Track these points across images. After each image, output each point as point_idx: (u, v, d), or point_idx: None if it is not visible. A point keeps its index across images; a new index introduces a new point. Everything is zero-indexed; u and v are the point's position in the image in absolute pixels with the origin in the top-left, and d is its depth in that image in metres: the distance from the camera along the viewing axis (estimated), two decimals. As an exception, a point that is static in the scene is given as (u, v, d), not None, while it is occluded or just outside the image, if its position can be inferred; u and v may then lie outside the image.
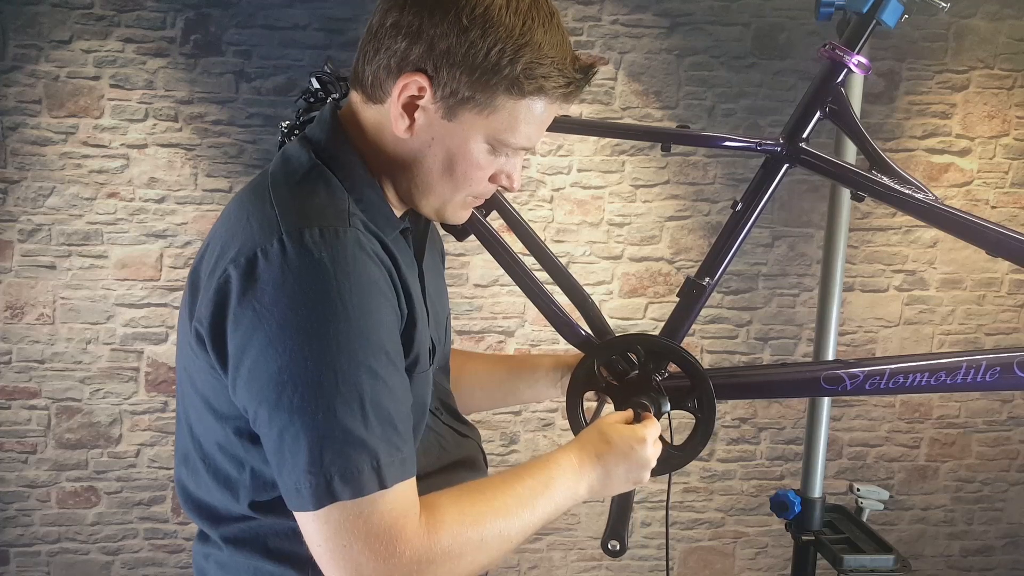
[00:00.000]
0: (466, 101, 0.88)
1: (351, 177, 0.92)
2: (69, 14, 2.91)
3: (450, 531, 0.85)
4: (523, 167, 3.06)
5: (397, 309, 0.88)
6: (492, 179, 0.96)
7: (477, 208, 1.25)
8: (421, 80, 0.88)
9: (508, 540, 0.90)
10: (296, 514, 0.83)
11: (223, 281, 0.84)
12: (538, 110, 0.91)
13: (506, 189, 0.99)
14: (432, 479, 1.01)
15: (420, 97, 0.89)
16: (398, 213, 0.98)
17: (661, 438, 1.22)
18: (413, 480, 0.85)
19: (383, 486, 0.81)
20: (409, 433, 0.87)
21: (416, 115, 0.90)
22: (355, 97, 0.96)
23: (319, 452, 0.80)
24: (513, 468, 0.97)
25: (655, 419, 1.13)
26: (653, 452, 1.08)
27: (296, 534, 0.90)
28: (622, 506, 1.20)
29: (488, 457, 1.27)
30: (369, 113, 0.94)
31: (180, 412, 1.00)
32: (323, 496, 0.80)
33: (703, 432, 1.19)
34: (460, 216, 1.00)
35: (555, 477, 0.97)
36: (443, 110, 0.89)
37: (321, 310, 0.80)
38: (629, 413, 1.13)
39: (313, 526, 0.82)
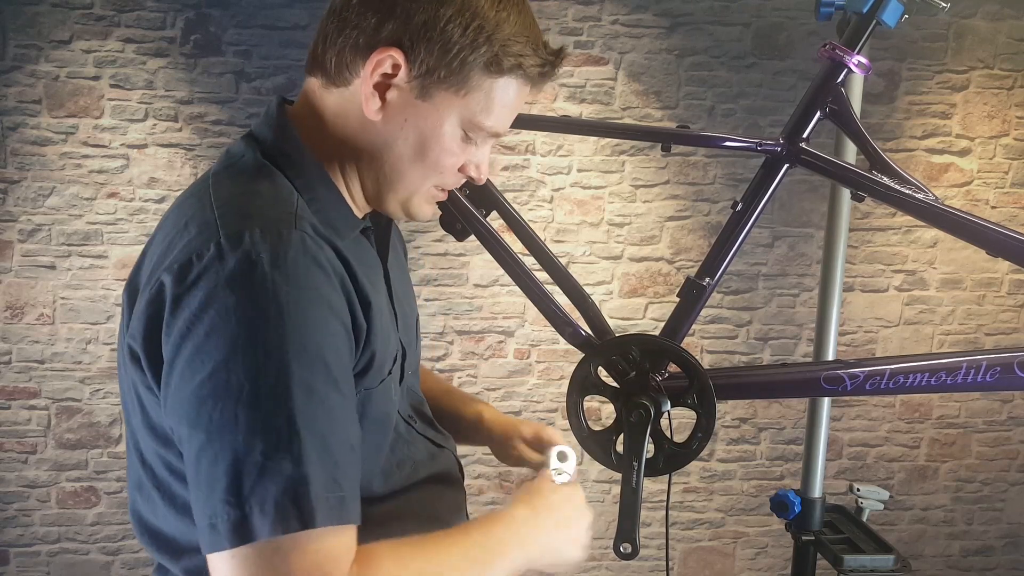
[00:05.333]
0: (442, 80, 0.84)
1: (303, 175, 0.86)
2: (69, 14, 2.91)
3: None
4: (522, 166, 3.08)
5: (349, 325, 0.80)
6: (461, 169, 0.91)
7: (477, 208, 1.25)
8: (396, 55, 0.83)
9: None
10: (208, 557, 0.72)
11: (155, 291, 0.76)
12: (512, 92, 0.88)
13: (473, 180, 0.94)
14: (406, 495, 0.97)
15: (393, 75, 0.84)
16: (359, 214, 0.92)
17: (662, 436, 1.22)
18: (352, 529, 0.74)
19: (308, 525, 0.70)
20: (353, 468, 0.76)
21: (388, 95, 0.85)
22: (313, 84, 0.90)
23: (238, 479, 0.69)
24: (459, 525, 0.90)
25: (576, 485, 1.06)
26: (588, 515, 1.02)
27: None
28: (630, 507, 1.19)
29: (488, 457, 1.27)
30: (331, 99, 0.88)
31: (129, 436, 0.91)
32: (240, 532, 0.69)
33: (703, 432, 1.19)
34: (426, 211, 0.94)
35: (500, 532, 0.90)
36: (417, 89, 0.84)
37: (253, 317, 0.71)
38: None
39: (226, 569, 0.70)
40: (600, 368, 1.24)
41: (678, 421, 1.21)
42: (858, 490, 1.87)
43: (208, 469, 0.71)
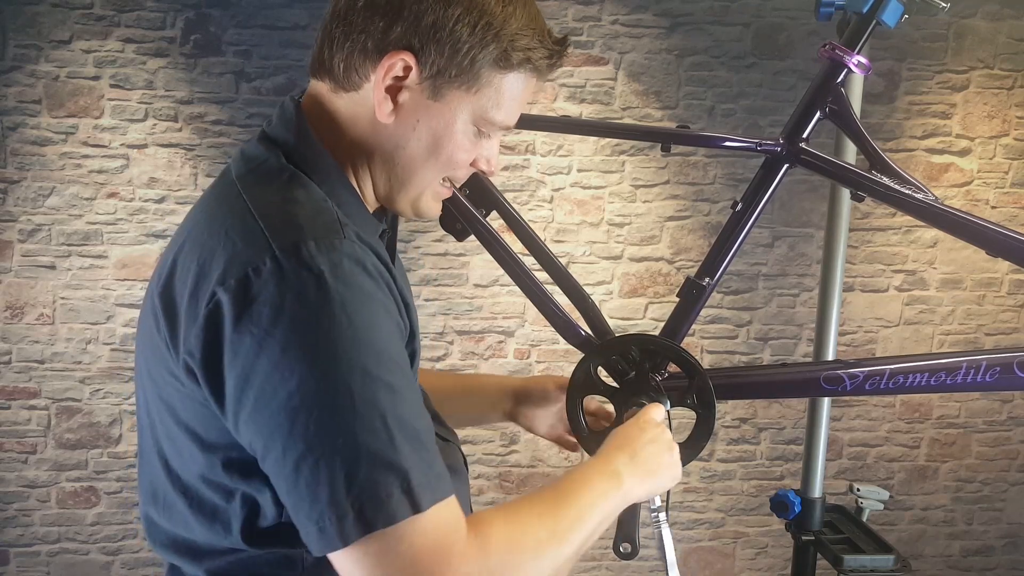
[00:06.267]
0: (453, 79, 0.85)
1: (327, 180, 0.86)
2: (69, 14, 2.91)
3: (502, 540, 0.79)
4: (522, 166, 3.08)
5: (400, 321, 0.83)
6: (472, 164, 0.93)
7: (476, 208, 1.25)
8: (408, 58, 0.84)
9: (563, 542, 0.85)
10: (331, 557, 0.75)
11: (212, 308, 0.76)
12: (521, 84, 0.89)
13: (484, 173, 0.96)
14: None
15: (405, 78, 0.85)
16: (374, 217, 0.93)
17: None
18: (453, 498, 0.78)
19: (417, 509, 0.74)
20: (435, 447, 0.80)
21: (400, 97, 0.86)
22: (320, 88, 0.90)
23: (343, 481, 0.73)
24: (557, 480, 0.92)
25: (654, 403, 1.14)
26: (667, 432, 1.07)
27: (290, 561, 0.86)
28: (630, 507, 1.19)
29: (488, 457, 1.27)
30: (340, 103, 0.88)
31: (147, 446, 0.91)
32: (351, 530, 0.72)
33: (703, 431, 1.19)
34: (434, 209, 0.96)
35: (589, 476, 0.94)
36: (429, 90, 0.86)
37: (326, 327, 0.74)
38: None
39: (350, 564, 0.74)
40: (600, 368, 1.24)
41: (678, 421, 1.21)
42: (858, 490, 1.87)
43: (310, 477, 0.74)
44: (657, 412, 1.10)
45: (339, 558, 0.75)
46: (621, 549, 1.21)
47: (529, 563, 0.80)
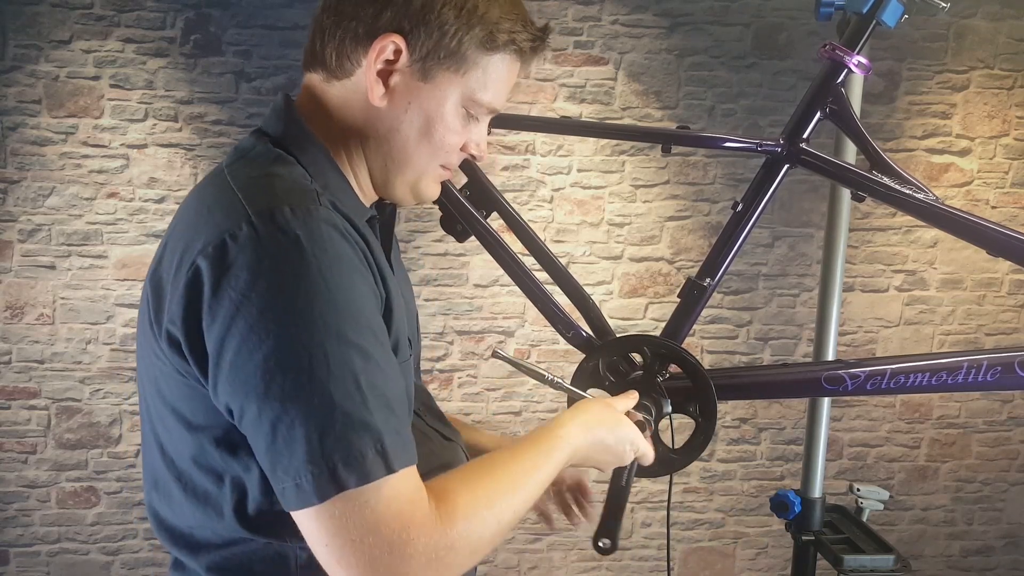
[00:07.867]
0: (442, 60, 0.88)
1: (314, 164, 0.89)
2: (69, 14, 2.91)
3: (465, 513, 0.80)
4: (522, 166, 3.08)
5: (376, 288, 0.84)
6: (463, 148, 0.96)
7: (476, 209, 1.26)
8: (398, 40, 0.87)
9: (517, 516, 0.87)
10: (296, 515, 0.77)
11: (192, 274, 0.78)
12: (505, 66, 0.93)
13: (475, 159, 0.98)
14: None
15: (395, 61, 0.88)
16: (366, 204, 0.96)
17: (662, 441, 1.22)
18: (415, 468, 0.80)
19: (390, 470, 0.76)
20: (406, 416, 0.82)
21: (392, 80, 0.89)
22: (313, 79, 0.93)
23: (318, 439, 0.74)
24: (513, 443, 0.95)
25: (648, 432, 1.14)
26: (630, 455, 1.08)
27: (283, 558, 0.87)
28: (616, 505, 1.19)
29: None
30: (333, 92, 0.92)
31: (147, 432, 0.94)
32: (327, 486, 0.74)
33: (704, 432, 1.19)
34: (433, 191, 0.98)
35: (553, 450, 0.95)
36: (419, 72, 0.89)
37: (303, 290, 0.76)
38: (633, 397, 1.15)
39: (316, 524, 0.76)
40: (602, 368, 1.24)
41: (680, 420, 1.21)
42: (858, 490, 1.87)
43: (286, 436, 0.75)
44: (645, 444, 1.10)
45: (305, 517, 0.76)
46: (600, 544, 1.19)
47: (489, 535, 0.82)
